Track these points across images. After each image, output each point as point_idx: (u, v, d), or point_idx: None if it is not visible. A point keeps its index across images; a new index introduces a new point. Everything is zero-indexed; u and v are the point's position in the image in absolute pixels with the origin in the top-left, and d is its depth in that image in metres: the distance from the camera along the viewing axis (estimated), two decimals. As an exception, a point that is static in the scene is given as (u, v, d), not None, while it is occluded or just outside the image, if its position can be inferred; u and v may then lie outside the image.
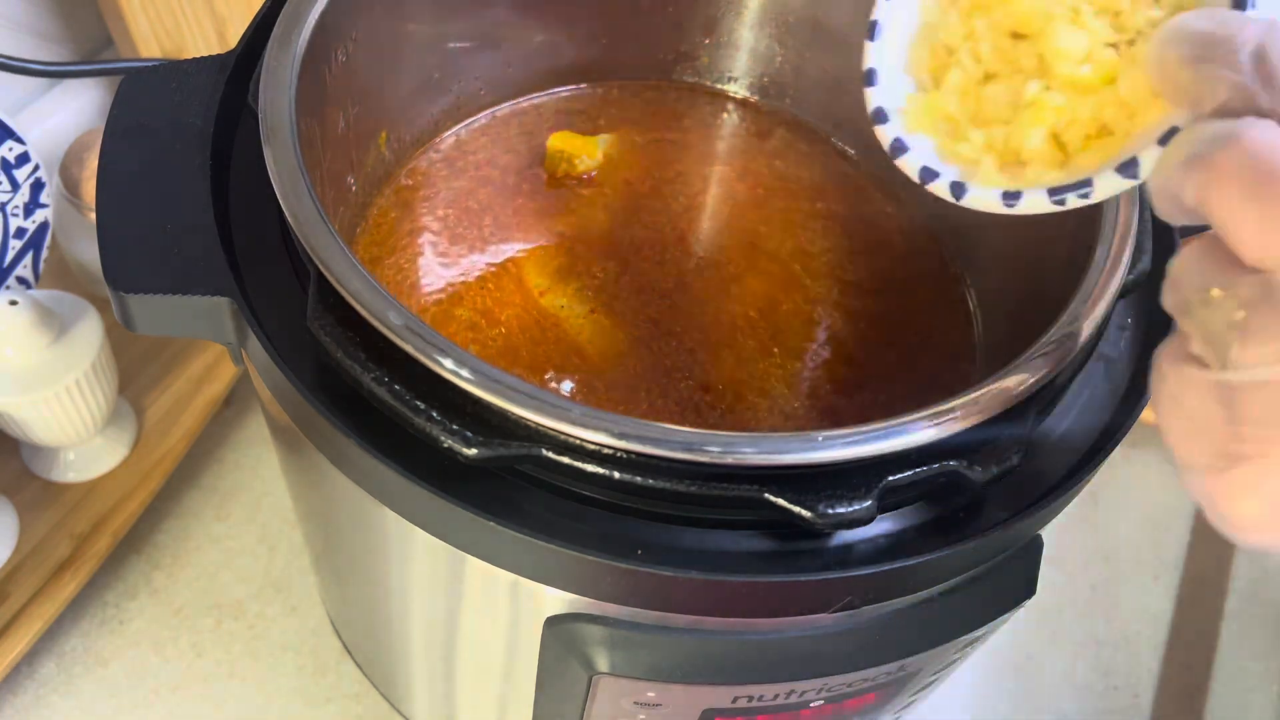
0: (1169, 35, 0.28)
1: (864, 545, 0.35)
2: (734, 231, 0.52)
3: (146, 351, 0.66)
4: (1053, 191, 0.32)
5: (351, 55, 0.45)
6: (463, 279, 0.49)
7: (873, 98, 0.37)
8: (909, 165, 0.35)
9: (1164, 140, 0.29)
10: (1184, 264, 0.28)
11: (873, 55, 0.37)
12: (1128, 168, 0.30)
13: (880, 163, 0.55)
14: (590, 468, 0.33)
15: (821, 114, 0.56)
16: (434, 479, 0.33)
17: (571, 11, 0.54)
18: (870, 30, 0.37)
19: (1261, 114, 0.26)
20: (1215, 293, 0.26)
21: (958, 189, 0.34)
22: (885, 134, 0.36)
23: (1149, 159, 0.30)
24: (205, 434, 0.66)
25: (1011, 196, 0.33)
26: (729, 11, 0.55)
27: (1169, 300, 0.28)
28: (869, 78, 0.37)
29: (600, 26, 0.55)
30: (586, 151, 0.53)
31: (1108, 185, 0.31)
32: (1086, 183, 0.31)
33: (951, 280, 0.51)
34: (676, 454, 0.31)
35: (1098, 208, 0.39)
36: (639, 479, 0.32)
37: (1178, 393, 0.27)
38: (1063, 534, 0.70)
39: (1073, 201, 0.31)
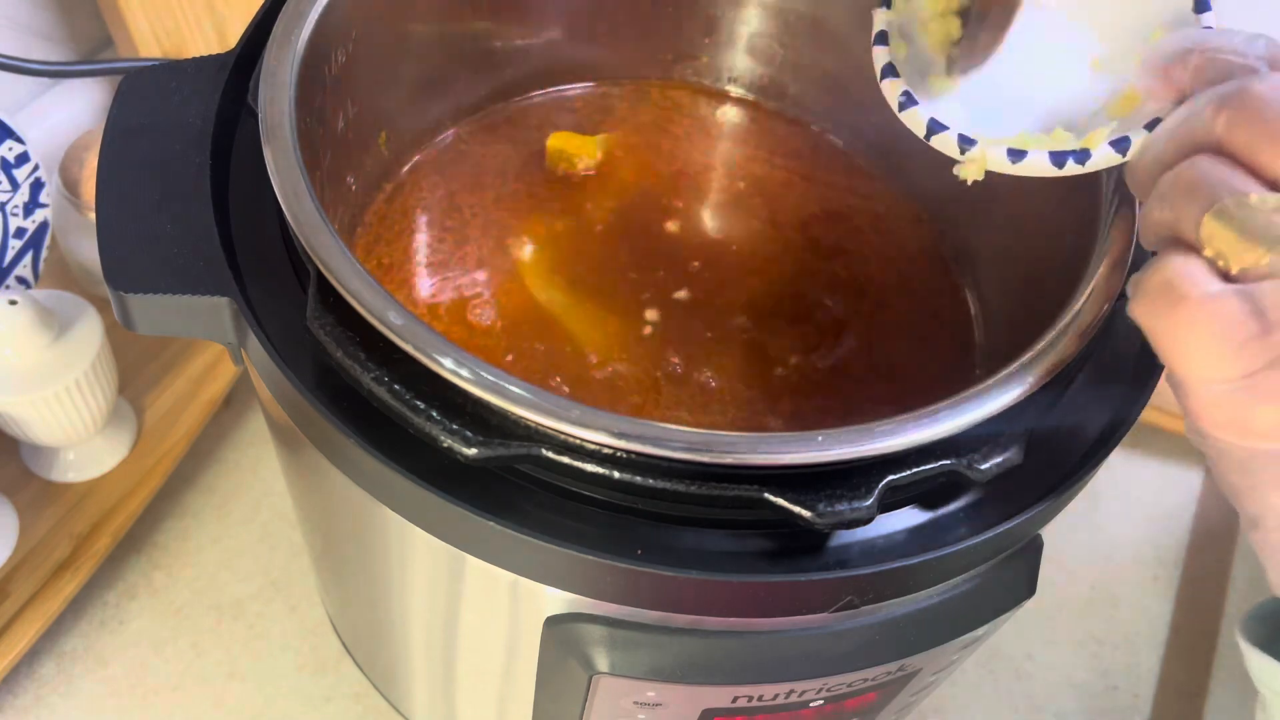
0: (1171, 43, 0.33)
1: (864, 545, 0.35)
2: (733, 231, 0.52)
3: (146, 351, 0.66)
4: (1054, 155, 0.35)
5: (351, 55, 0.45)
6: (462, 278, 0.49)
7: (881, 56, 0.39)
8: (916, 119, 0.37)
9: (1150, 126, 0.34)
10: (1196, 179, 0.29)
11: (881, 19, 0.39)
12: (1119, 144, 0.34)
13: (882, 163, 0.55)
14: (590, 467, 0.33)
15: (822, 113, 0.56)
16: (434, 479, 0.33)
17: (571, 11, 0.54)
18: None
19: None
20: (1254, 198, 0.28)
21: (965, 142, 0.36)
22: (893, 88, 0.38)
23: (1138, 138, 0.34)
24: (205, 434, 0.66)
25: (1016, 154, 0.35)
26: (729, 11, 0.55)
27: (1168, 214, 0.30)
28: (880, 39, 0.39)
29: (600, 26, 0.55)
30: (586, 151, 0.53)
31: (1102, 156, 0.34)
32: (1085, 152, 0.34)
33: (952, 280, 0.51)
34: (676, 454, 0.31)
35: (1098, 208, 0.39)
36: (639, 479, 0.32)
37: (1201, 310, 0.28)
38: (1063, 534, 0.70)
39: (1070, 166, 0.35)
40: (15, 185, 0.60)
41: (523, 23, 0.53)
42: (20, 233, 0.61)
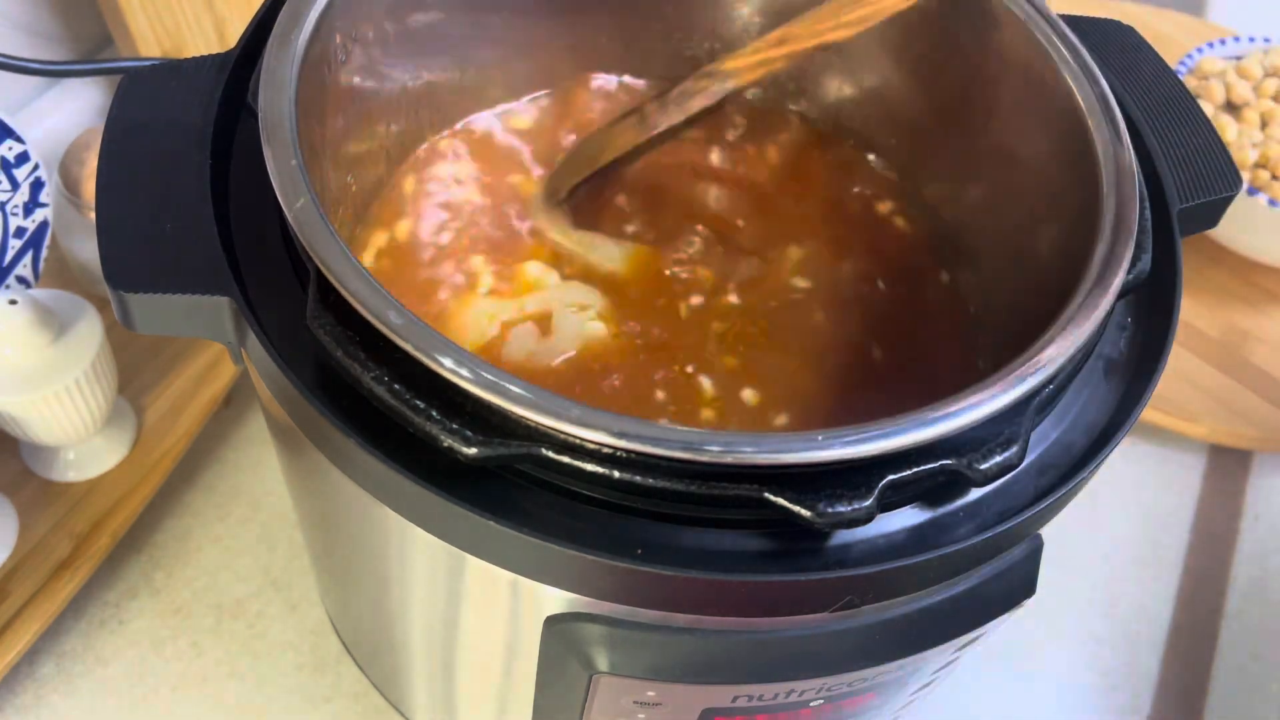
0: None
1: (864, 545, 0.35)
2: (733, 232, 0.52)
3: (146, 351, 0.66)
4: None
5: (351, 55, 0.45)
6: (462, 278, 0.49)
7: None
8: None
9: None
10: None
11: None
12: None
13: (882, 162, 0.55)
14: (590, 467, 0.33)
15: (824, 115, 0.56)
16: (434, 478, 0.33)
17: (573, 12, 0.54)
18: None
19: None
20: None
21: None
22: None
23: None
24: (205, 434, 0.66)
25: None
26: (731, 12, 0.55)
27: None
28: None
29: (602, 27, 0.55)
30: None
31: None
32: None
33: (952, 280, 0.51)
34: (676, 453, 0.31)
35: (1099, 204, 0.39)
36: (639, 478, 0.32)
37: None
38: (1063, 534, 0.70)
39: None
40: (15, 185, 0.60)
41: (524, 23, 0.53)
42: (20, 232, 0.61)
